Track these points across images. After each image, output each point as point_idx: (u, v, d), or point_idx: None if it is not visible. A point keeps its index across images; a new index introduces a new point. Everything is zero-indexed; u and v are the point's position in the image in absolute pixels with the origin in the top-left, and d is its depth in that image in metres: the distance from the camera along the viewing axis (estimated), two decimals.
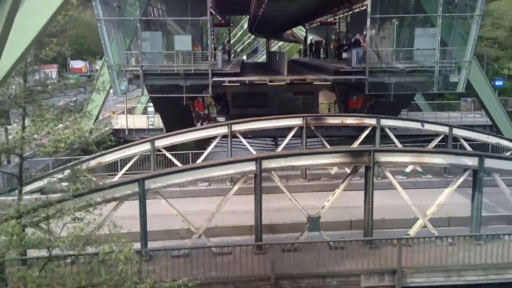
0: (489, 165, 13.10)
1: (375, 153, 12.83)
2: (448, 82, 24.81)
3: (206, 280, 11.48)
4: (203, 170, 12.78)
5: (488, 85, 28.61)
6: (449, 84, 24.83)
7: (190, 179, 12.66)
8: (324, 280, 11.70)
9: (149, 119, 35.79)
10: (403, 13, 25.69)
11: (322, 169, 20.46)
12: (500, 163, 13.29)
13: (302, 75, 28.39)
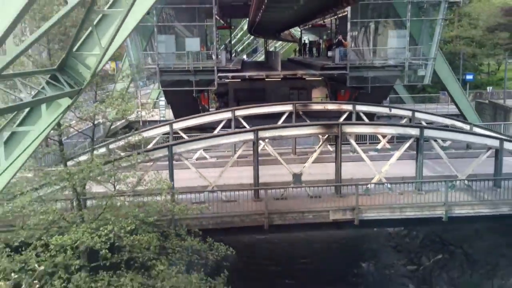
0: (428, 134, 17.63)
1: (342, 126, 17.35)
2: (416, 76, 29.42)
3: (218, 214, 16.02)
4: (215, 139, 17.34)
5: (454, 79, 33.04)
6: (417, 77, 29.43)
7: (205, 145, 17.23)
8: (303, 215, 16.24)
9: (160, 111, 40.27)
10: (378, 18, 30.19)
11: (309, 148, 24.96)
12: (436, 133, 17.82)
13: (294, 71, 32.89)
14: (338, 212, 16.15)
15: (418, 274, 24.09)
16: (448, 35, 47.52)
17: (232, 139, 17.40)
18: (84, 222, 12.68)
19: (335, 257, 26.29)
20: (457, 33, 46.44)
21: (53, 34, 14.51)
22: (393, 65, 28.78)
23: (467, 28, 46.99)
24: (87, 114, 13.97)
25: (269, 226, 16.11)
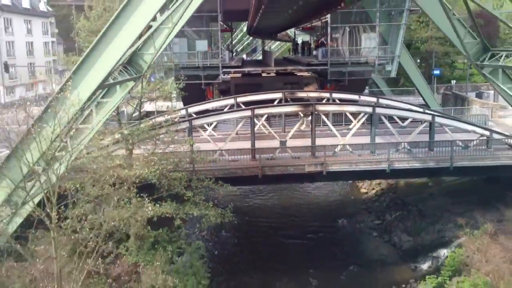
0: (378, 111, 24.04)
1: (316, 105, 23.79)
2: (385, 70, 35.91)
3: (226, 167, 22.48)
4: (223, 115, 23.80)
5: (418, 73, 39.34)
6: (385, 71, 35.96)
7: (216, 119, 23.69)
8: (287, 168, 22.69)
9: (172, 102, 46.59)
10: (353, 23, 36.65)
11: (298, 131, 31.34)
12: (384, 110, 24.24)
13: (285, 66, 39.38)
14: (311, 165, 22.60)
15: (381, 226, 30.51)
16: (424, 36, 53.90)
17: (235, 115, 23.88)
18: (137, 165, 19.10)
19: (318, 217, 32.70)
20: (431, 34, 52.77)
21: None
22: (365, 61, 35.28)
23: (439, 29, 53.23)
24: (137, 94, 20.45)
25: (262, 176, 22.54)
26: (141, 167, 18.17)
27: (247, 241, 29.22)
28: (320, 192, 38.40)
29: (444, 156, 23.30)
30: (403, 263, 25.68)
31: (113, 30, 13.14)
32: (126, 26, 12.90)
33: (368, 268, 25.35)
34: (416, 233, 27.74)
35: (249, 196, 37.17)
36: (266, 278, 24.12)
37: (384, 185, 35.79)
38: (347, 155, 23.80)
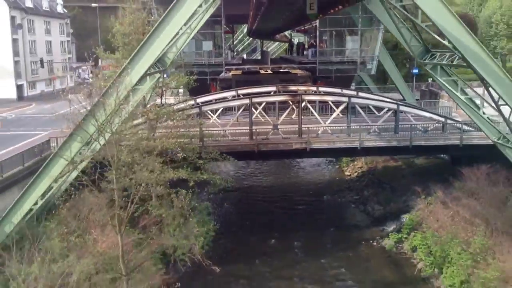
0: (354, 101, 29.48)
1: (302, 95, 29.25)
2: (366, 68, 41.40)
3: (229, 144, 27.93)
4: (227, 102, 29.22)
5: (396, 71, 44.57)
6: (367, 69, 41.46)
7: (221, 106, 29.12)
8: (277, 145, 28.15)
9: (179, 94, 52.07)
10: (339, 27, 42.14)
11: (289, 119, 36.75)
12: (358, 100, 29.70)
13: (280, 65, 44.87)
14: (297, 143, 28.08)
15: (359, 200, 36.00)
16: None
17: (236, 103, 29.33)
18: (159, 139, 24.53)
19: (307, 194, 38.17)
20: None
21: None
22: (349, 61, 40.79)
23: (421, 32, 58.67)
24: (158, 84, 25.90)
25: (257, 151, 28.00)
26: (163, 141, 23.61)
27: (246, 211, 34.73)
28: (310, 176, 43.92)
29: (405, 137, 28.76)
30: (373, 226, 31.16)
31: (155, 35, 18.53)
32: (163, 33, 18.31)
33: (345, 230, 30.83)
34: (386, 204, 33.24)
35: (249, 178, 42.72)
36: (261, 237, 29.51)
37: (365, 169, 41.28)
38: (327, 136, 29.27)
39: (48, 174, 18.74)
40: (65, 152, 18.45)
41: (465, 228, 24.02)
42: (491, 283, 19.82)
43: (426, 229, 26.60)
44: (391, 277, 25.09)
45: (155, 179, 22.09)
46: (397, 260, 26.64)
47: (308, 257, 26.99)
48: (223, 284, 24.02)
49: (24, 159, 23.25)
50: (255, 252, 27.48)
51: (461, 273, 21.84)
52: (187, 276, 24.40)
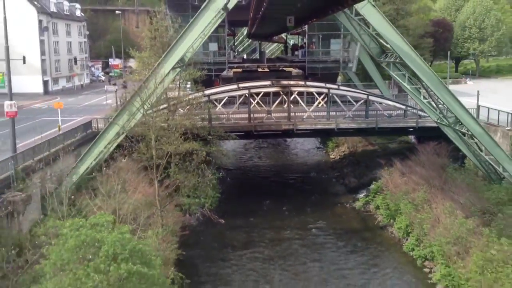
0: (333, 92, 36.73)
1: (291, 87, 36.53)
2: (348, 67, 48.72)
3: (232, 125, 35.18)
4: (229, 92, 36.47)
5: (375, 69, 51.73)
6: (348, 67, 48.77)
7: (225, 95, 36.36)
8: (270, 126, 35.43)
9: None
10: (325, 31, 49.44)
11: (282, 108, 43.99)
12: (336, 91, 36.94)
13: (275, 63, 52.21)
14: (286, 125, 35.37)
15: (339, 176, 43.23)
16: None
17: (238, 93, 36.52)
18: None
19: (297, 171, 45.43)
20: None
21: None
22: (333, 60, 48.12)
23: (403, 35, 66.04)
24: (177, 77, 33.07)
25: (254, 131, 35.26)
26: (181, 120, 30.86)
27: (245, 184, 42.04)
28: (301, 159, 51.25)
29: (373, 121, 36.03)
30: (348, 194, 38.42)
31: (180, 40, 25.67)
32: (187, 38, 25.50)
33: (325, 197, 38.06)
34: (360, 177, 40.48)
35: (248, 162, 50.02)
36: (256, 201, 36.66)
37: (347, 152, 48.53)
38: (311, 120, 36.56)
39: (105, 137, 25.99)
40: (118, 120, 25.72)
41: (413, 188, 31.28)
42: (424, 222, 27.08)
43: (386, 192, 33.84)
44: (358, 227, 32.38)
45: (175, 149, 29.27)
46: (363, 216, 33.96)
47: (294, 215, 34.22)
48: (228, 231, 31.21)
49: (76, 133, 30.55)
50: (252, 211, 34.65)
51: (407, 218, 29.13)
52: (199, 225, 31.67)
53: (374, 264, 26.97)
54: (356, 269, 26.32)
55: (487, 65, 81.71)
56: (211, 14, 25.23)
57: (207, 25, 25.60)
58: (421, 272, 25.31)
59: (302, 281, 25.01)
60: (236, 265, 27.01)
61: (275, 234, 31.24)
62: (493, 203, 25.79)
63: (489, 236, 22.50)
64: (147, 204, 25.74)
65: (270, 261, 27.27)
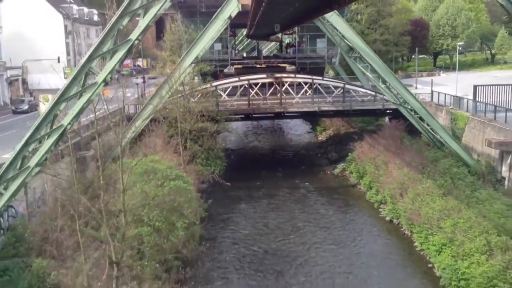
0: (316, 81, 45.61)
1: (282, 78, 45.45)
2: (331, 62, 57.63)
3: (235, 109, 44.13)
4: (233, 83, 45.39)
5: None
6: (332, 62, 57.69)
7: (229, 85, 45.28)
8: (266, 109, 44.38)
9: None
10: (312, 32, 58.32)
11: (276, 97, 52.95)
12: (318, 81, 45.81)
13: (270, 59, 61.18)
14: (278, 109, 44.30)
15: (324, 152, 52.17)
16: (372, 38, 75.41)
17: (239, 83, 45.42)
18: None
19: (289, 150, 54.42)
20: (376, 37, 74.38)
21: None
22: (319, 56, 57.01)
23: (384, 33, 75.01)
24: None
25: (253, 114, 44.25)
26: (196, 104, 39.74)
27: (246, 160, 51.04)
28: (293, 142, 60.25)
29: (348, 104, 44.92)
30: (330, 165, 47.30)
31: (197, 42, 34.49)
32: (201, 41, 34.35)
33: (311, 167, 46.94)
34: (340, 152, 49.30)
35: (248, 144, 59.02)
36: (255, 171, 45.46)
37: (332, 134, 57.41)
38: (298, 105, 45.45)
39: (142, 115, 34.91)
40: (152, 101, 34.66)
41: (377, 154, 40.17)
42: (381, 177, 36.00)
43: (357, 160, 42.74)
44: (335, 186, 41.34)
45: (191, 127, 38.19)
46: (340, 179, 42.92)
47: (285, 179, 43.11)
48: (233, 190, 40.02)
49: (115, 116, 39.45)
50: (251, 178, 43.49)
51: (370, 177, 38.05)
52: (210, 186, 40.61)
53: (345, 209, 35.92)
54: (331, 212, 35.22)
55: (464, 59, 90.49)
56: (219, 23, 34.07)
57: (216, 31, 34.44)
58: (377, 211, 34.24)
59: (291, 222, 33.70)
60: (240, 212, 35.93)
61: (270, 192, 40.12)
62: (430, 160, 34.73)
63: (421, 179, 31.45)
64: (175, 164, 34.69)
65: (266, 209, 36.18)
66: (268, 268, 26.21)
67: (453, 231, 24.56)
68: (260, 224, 33.30)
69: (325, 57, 56.70)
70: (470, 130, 35.75)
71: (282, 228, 32.31)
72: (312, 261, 26.97)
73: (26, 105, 48.55)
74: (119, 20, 19.25)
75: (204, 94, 42.35)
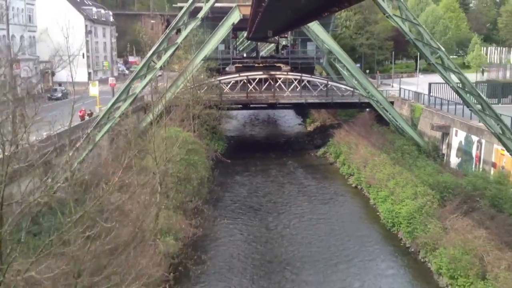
0: (304, 78, 54.48)
1: (276, 75, 54.34)
2: (320, 62, 66.58)
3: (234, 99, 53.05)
4: (234, 78, 54.27)
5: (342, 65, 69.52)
6: (320, 62, 66.64)
7: (231, 80, 54.17)
8: (261, 100, 53.29)
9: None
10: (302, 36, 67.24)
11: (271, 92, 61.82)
12: (306, 77, 54.69)
13: (266, 59, 70.16)
14: (271, 100, 53.20)
15: (311, 139, 61.10)
16: (359, 42, 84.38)
17: (239, 78, 54.29)
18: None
19: (282, 138, 63.37)
20: (363, 41, 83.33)
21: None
22: (309, 57, 65.95)
23: (369, 38, 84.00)
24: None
25: (250, 104, 53.16)
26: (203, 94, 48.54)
27: (243, 144, 59.97)
28: (285, 132, 69.22)
29: (330, 98, 53.83)
30: (314, 149, 56.09)
31: (206, 43, 43.23)
32: (210, 42, 43.16)
33: (298, 151, 55.83)
34: (324, 139, 58.21)
35: (246, 133, 67.95)
36: (251, 152, 54.39)
37: (319, 125, 66.35)
38: (288, 97, 54.34)
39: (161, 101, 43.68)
40: (170, 89, 43.53)
41: (351, 139, 49.08)
42: (351, 154, 44.92)
43: (336, 143, 51.64)
44: (317, 163, 50.29)
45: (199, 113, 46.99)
46: (321, 159, 51.85)
47: (276, 159, 52.00)
48: (232, 166, 48.83)
49: (136, 103, 48.34)
50: (248, 157, 52.37)
51: (344, 156, 46.97)
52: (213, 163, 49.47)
53: (322, 180, 44.79)
54: (311, 182, 44.06)
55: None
56: (225, 28, 42.93)
57: (222, 35, 43.32)
58: (346, 181, 43.12)
59: (279, 187, 42.55)
60: (239, 181, 44.78)
61: (263, 168, 49.01)
62: (389, 141, 43.69)
63: (379, 154, 40.41)
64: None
65: (260, 179, 45.03)
66: (259, 214, 35.18)
67: (394, 187, 33.52)
68: (254, 188, 42.27)
69: (314, 58, 65.60)
70: (423, 119, 44.71)
71: (272, 192, 41.20)
72: (292, 212, 35.87)
73: (60, 93, 57.41)
74: (170, 32, 28.45)
75: (210, 87, 51.13)
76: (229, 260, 27.63)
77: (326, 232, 32.02)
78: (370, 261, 27.46)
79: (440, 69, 27.15)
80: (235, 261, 27.56)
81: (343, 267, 26.70)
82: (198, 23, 30.99)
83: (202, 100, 47.13)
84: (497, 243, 22.99)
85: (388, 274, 26.18)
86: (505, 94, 47.61)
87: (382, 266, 27.01)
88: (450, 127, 38.77)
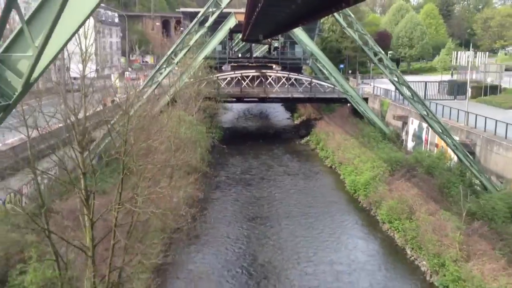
0: (291, 76, 62.51)
1: (266, 73, 62.34)
2: (306, 62, 74.67)
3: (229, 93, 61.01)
4: (230, 74, 62.21)
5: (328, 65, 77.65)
6: (307, 63, 74.74)
7: (228, 76, 62.11)
8: (253, 95, 61.25)
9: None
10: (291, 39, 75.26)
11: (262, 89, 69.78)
12: (293, 75, 62.71)
13: (259, 59, 78.24)
14: (262, 94, 61.21)
15: (297, 131, 69.14)
16: (344, 45, 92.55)
17: (234, 75, 62.20)
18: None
19: (271, 129, 71.43)
20: (347, 45, 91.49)
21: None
22: (297, 58, 74.04)
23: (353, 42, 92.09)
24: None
25: (243, 97, 61.15)
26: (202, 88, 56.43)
27: (237, 134, 67.99)
28: (275, 125, 77.31)
29: (313, 93, 61.90)
30: (299, 138, 64.02)
31: (207, 44, 51.04)
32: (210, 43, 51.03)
33: (284, 139, 63.90)
34: (308, 129, 66.30)
35: (240, 125, 75.95)
36: (244, 140, 62.37)
37: (305, 119, 74.45)
38: (277, 93, 62.36)
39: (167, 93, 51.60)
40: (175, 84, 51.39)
41: (330, 128, 57.18)
42: (328, 141, 53.04)
43: (317, 133, 59.73)
44: (300, 149, 58.34)
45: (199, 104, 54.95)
46: (304, 146, 59.94)
47: (265, 146, 59.98)
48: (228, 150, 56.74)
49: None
50: (241, 143, 60.33)
51: (323, 142, 55.06)
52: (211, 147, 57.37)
53: (303, 162, 52.83)
54: (294, 164, 52.08)
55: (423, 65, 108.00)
56: (223, 32, 50.87)
57: (220, 38, 51.22)
58: (323, 162, 51.20)
59: (269, 169, 50.42)
60: (233, 162, 52.76)
61: (254, 152, 56.99)
62: (359, 130, 51.87)
63: (350, 140, 48.57)
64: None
65: (251, 162, 53.05)
66: (250, 185, 43.23)
67: (358, 163, 41.66)
68: (246, 168, 50.29)
69: (301, 59, 73.63)
70: (389, 111, 52.94)
71: (261, 171, 49.19)
72: (277, 185, 43.88)
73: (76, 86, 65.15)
74: (184, 36, 36.60)
75: (209, 82, 59.02)
76: (224, 213, 35.70)
77: (303, 198, 40.06)
78: (334, 216, 35.57)
79: (381, 67, 35.34)
80: (229, 215, 35.61)
81: (313, 220, 34.76)
82: (206, 31, 38.99)
83: (202, 92, 55.02)
84: (424, 197, 31.14)
85: (347, 225, 34.29)
86: (460, 92, 56.00)
87: (342, 219, 35.13)
88: (408, 117, 46.98)
